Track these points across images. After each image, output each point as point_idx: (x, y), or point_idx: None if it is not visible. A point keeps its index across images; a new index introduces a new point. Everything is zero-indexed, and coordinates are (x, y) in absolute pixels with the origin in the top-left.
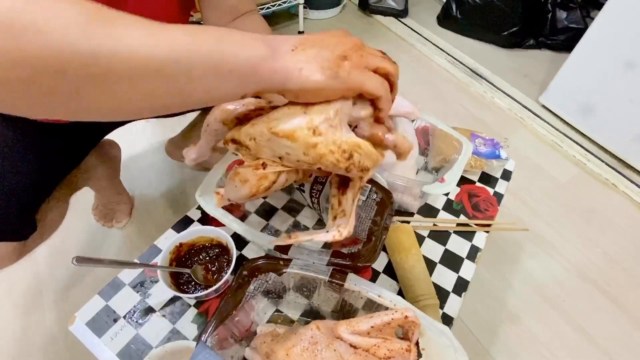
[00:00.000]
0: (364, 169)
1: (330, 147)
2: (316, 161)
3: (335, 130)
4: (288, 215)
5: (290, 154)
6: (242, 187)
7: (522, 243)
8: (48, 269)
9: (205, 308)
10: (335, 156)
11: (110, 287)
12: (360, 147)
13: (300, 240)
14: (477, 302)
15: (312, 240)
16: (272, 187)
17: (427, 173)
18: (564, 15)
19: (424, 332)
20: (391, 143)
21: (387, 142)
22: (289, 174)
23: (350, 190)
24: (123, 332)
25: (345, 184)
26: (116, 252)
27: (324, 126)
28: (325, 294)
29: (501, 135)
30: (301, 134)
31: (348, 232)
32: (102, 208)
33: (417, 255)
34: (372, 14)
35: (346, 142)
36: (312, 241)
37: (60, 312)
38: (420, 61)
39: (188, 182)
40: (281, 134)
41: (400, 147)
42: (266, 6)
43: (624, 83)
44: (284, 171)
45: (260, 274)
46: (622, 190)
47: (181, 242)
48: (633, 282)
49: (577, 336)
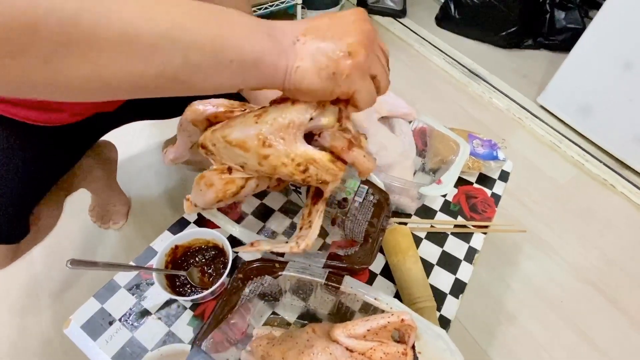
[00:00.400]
0: (322, 181)
1: (282, 160)
2: (272, 172)
3: (286, 142)
4: (285, 216)
5: (247, 162)
6: (207, 190)
7: (520, 244)
8: (44, 270)
9: (201, 311)
10: (289, 169)
11: (106, 290)
12: (316, 161)
13: (263, 249)
14: (475, 304)
15: (273, 250)
16: (240, 192)
17: (425, 174)
18: (562, 16)
19: (421, 335)
20: (350, 160)
21: (346, 158)
22: (260, 179)
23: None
24: (118, 335)
25: (320, 194)
26: (113, 254)
27: (272, 137)
28: (321, 297)
29: (499, 136)
30: (252, 145)
31: (306, 245)
32: (98, 209)
33: (414, 257)
34: (370, 14)
35: (300, 155)
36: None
37: (57, 314)
38: (418, 61)
39: (185, 183)
40: (234, 142)
41: (360, 166)
42: (264, 6)
43: (622, 83)
44: (252, 177)
45: (255, 277)
46: (621, 191)
47: (177, 244)
48: (631, 283)
49: (576, 337)
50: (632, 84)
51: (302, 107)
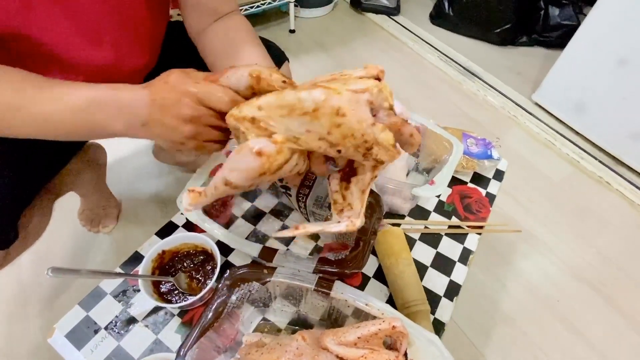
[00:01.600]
0: (379, 161)
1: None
2: (338, 142)
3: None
4: (276, 219)
5: (311, 131)
6: (254, 160)
7: (516, 243)
8: (32, 276)
9: (189, 317)
10: (357, 141)
11: (91, 297)
12: (379, 143)
13: (309, 231)
14: (470, 305)
15: (323, 231)
16: (283, 168)
17: (418, 174)
18: (556, 12)
19: (413, 341)
20: (408, 132)
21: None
22: (300, 157)
23: (355, 185)
24: (104, 343)
25: (348, 180)
26: (103, 258)
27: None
28: (312, 302)
29: (494, 133)
30: (325, 112)
31: (361, 222)
32: (88, 213)
33: (408, 259)
34: (364, 11)
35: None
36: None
37: (45, 321)
38: (412, 59)
39: (176, 185)
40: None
41: (416, 137)
42: (257, 4)
43: (616, 80)
44: (297, 151)
45: (243, 284)
46: (616, 189)
47: (164, 249)
48: (627, 281)
49: (572, 337)
50: (627, 80)
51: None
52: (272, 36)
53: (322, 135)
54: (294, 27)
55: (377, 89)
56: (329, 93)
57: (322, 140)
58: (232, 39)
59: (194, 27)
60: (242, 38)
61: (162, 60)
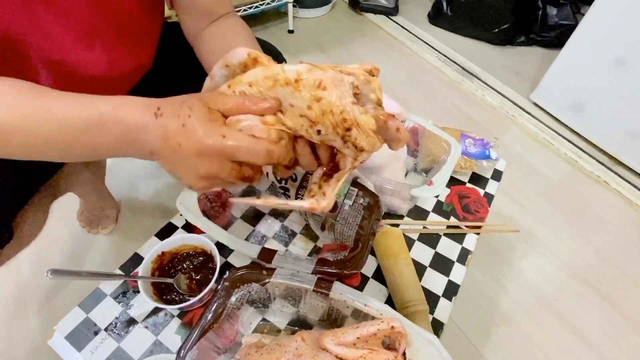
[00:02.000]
0: (359, 148)
1: (332, 107)
2: (317, 119)
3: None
4: (275, 219)
5: (294, 105)
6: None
7: (514, 243)
8: (31, 277)
9: (189, 318)
10: (336, 119)
11: (91, 299)
12: (360, 125)
13: (269, 202)
14: (469, 304)
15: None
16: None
17: (417, 174)
18: (554, 12)
19: (412, 342)
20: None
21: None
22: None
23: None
24: (104, 345)
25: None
26: (102, 259)
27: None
28: (312, 303)
29: (492, 133)
30: (307, 83)
31: (327, 204)
32: (87, 214)
33: (406, 260)
34: (363, 12)
35: (349, 112)
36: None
37: (44, 322)
38: (410, 59)
39: (176, 186)
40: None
41: (403, 132)
42: (255, 5)
43: (614, 79)
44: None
45: (242, 285)
46: (614, 188)
47: (164, 250)
48: (626, 280)
49: (571, 336)
50: (624, 80)
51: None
52: (271, 36)
53: (303, 112)
54: (292, 27)
55: (364, 76)
56: (313, 67)
57: (303, 117)
58: (229, 40)
59: (191, 30)
60: (239, 39)
61: (159, 62)
